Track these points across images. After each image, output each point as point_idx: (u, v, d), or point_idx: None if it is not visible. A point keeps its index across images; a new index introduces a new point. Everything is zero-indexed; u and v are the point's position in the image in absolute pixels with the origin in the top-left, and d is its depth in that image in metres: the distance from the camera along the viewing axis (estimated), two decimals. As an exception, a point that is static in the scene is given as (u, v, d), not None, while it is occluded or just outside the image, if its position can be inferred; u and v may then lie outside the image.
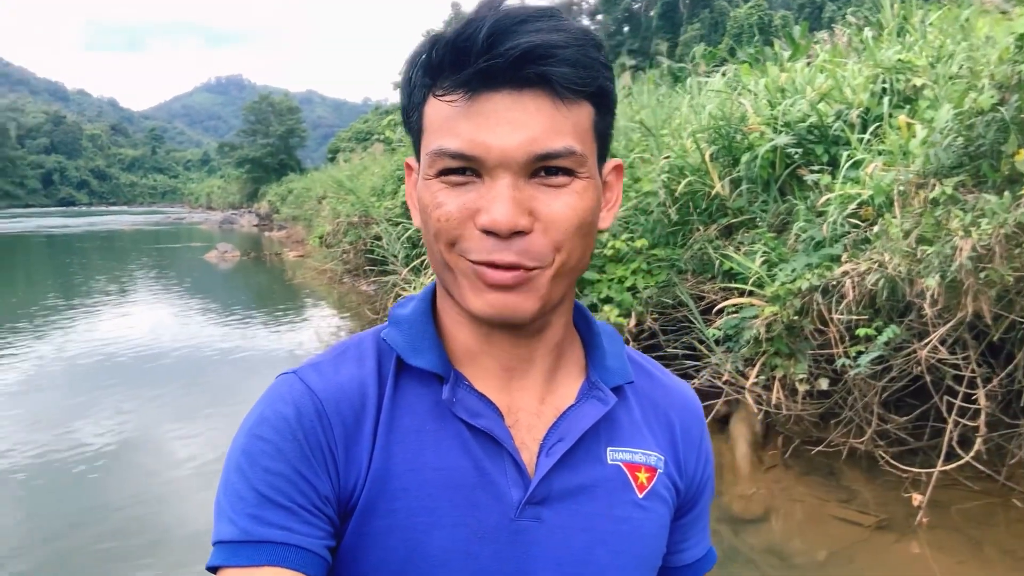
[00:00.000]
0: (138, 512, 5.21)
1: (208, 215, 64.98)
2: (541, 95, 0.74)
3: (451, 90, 0.75)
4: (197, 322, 12.99)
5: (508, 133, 0.74)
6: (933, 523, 4.26)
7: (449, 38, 0.75)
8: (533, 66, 0.73)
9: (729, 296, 5.69)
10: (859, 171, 5.30)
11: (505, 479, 0.82)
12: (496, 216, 0.74)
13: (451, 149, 0.75)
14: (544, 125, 0.74)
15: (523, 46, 0.72)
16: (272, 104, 71.60)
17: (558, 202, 0.76)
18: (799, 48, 9.57)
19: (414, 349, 0.85)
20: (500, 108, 0.74)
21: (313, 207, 23.65)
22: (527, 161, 0.74)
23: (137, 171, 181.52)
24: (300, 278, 17.73)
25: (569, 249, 0.78)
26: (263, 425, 0.80)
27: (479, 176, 0.76)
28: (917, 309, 4.42)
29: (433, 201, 0.78)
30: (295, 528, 0.77)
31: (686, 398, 0.99)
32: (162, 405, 7.81)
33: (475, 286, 0.78)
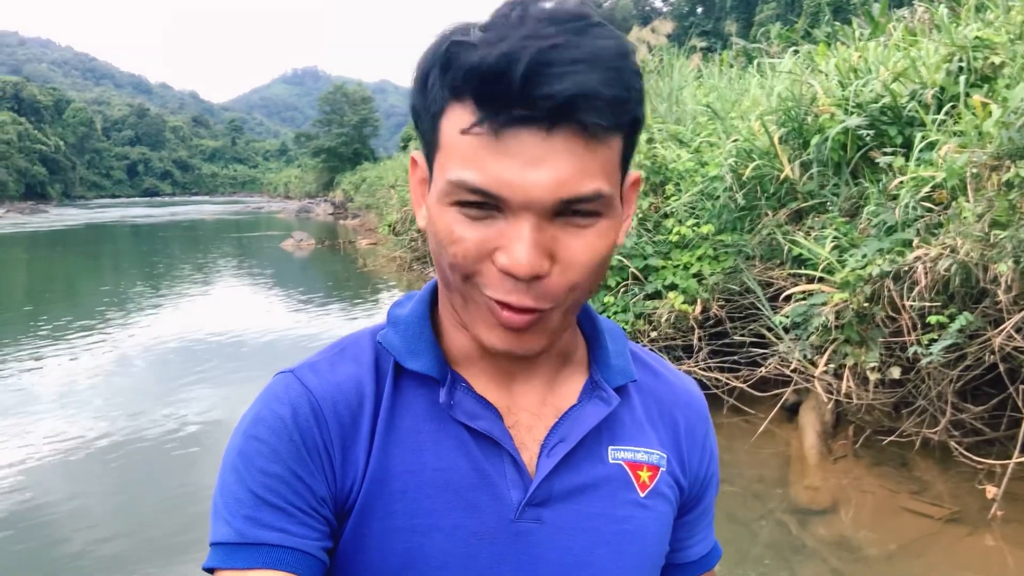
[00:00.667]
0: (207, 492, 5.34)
1: (285, 204, 66.23)
2: (572, 135, 0.69)
3: (478, 123, 0.69)
4: (274, 310, 13.29)
5: (535, 174, 0.69)
6: (1008, 516, 4.13)
7: (475, 65, 0.68)
8: (570, 115, 0.68)
9: (798, 282, 5.58)
10: (933, 153, 5.13)
11: (505, 480, 0.82)
12: (518, 260, 0.70)
13: (474, 184, 0.70)
14: (574, 167, 0.69)
15: (561, 96, 0.66)
16: (346, 94, 72.42)
17: (579, 243, 0.73)
18: (878, 27, 9.28)
19: (411, 352, 0.84)
20: (528, 146, 0.68)
21: (385, 195, 23.89)
22: (553, 204, 0.70)
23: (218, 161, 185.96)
24: (371, 265, 17.96)
25: (584, 288, 0.75)
26: (259, 425, 0.80)
27: (499, 211, 0.71)
28: (991, 295, 4.27)
29: (449, 233, 0.73)
30: (291, 530, 0.77)
31: (691, 395, 0.98)
32: (241, 390, 8.00)
33: (488, 321, 0.76)
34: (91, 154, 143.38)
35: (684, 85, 9.67)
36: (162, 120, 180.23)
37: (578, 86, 0.66)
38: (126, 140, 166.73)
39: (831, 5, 37.60)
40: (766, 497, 4.77)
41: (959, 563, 3.88)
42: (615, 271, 6.42)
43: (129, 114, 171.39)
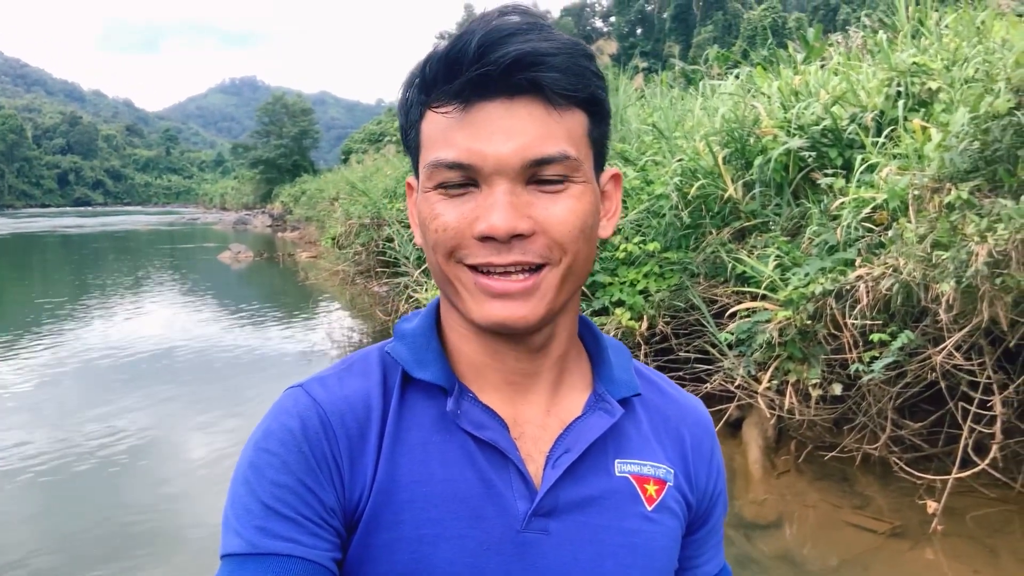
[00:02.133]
0: (149, 514, 5.23)
1: (222, 216, 65.31)
2: (534, 102, 0.76)
3: (446, 102, 0.77)
4: (210, 322, 13.05)
5: (503, 140, 0.75)
6: (948, 530, 4.22)
7: (441, 52, 0.77)
8: (524, 73, 0.74)
9: (742, 300, 5.66)
10: (873, 175, 5.26)
11: (511, 491, 0.82)
12: (494, 221, 0.74)
13: (447, 160, 0.76)
14: (538, 131, 0.75)
15: (513, 54, 0.73)
16: (286, 105, 71.77)
17: (557, 206, 0.77)
18: (813, 51, 9.50)
19: (419, 362, 0.85)
20: (494, 116, 0.75)
21: (326, 208, 23.69)
22: (522, 167, 0.75)
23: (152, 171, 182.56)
24: (312, 279, 17.77)
25: (574, 252, 0.79)
26: (269, 438, 0.81)
27: (476, 186, 0.77)
28: (932, 314, 4.38)
29: (431, 213, 0.79)
30: (301, 540, 0.77)
31: (697, 413, 0.99)
32: (175, 406, 7.84)
33: (476, 298, 0.79)
34: (20, 162, 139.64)
35: (629, 104, 9.79)
36: (95, 128, 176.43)
37: (531, 46, 0.74)
38: (57, 148, 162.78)
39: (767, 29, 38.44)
40: (712, 512, 4.81)
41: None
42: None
43: (61, 122, 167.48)
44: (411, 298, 8.93)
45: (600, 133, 0.82)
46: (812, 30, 11.19)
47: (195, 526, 5.05)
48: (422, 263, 9.31)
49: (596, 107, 0.81)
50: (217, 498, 5.44)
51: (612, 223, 0.87)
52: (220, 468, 6.03)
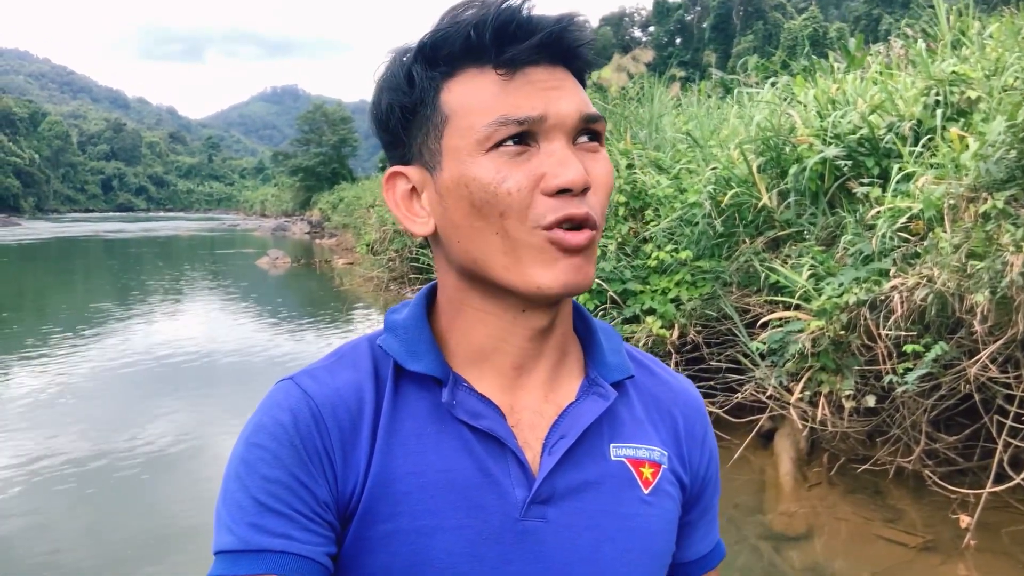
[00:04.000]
0: (188, 517, 5.28)
1: (261, 222, 65.95)
2: (566, 72, 0.81)
3: (499, 65, 0.78)
4: (248, 327, 13.19)
5: (559, 98, 0.78)
6: (981, 546, 4.15)
7: (485, 18, 0.77)
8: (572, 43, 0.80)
9: (774, 310, 5.61)
10: (910, 184, 5.19)
11: (509, 479, 0.82)
12: (572, 175, 0.76)
13: (514, 116, 0.77)
14: (580, 93, 0.81)
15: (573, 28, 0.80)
16: (325, 114, 72.32)
17: (599, 166, 0.81)
18: (854, 60, 9.43)
19: (411, 353, 0.85)
20: (543, 77, 0.79)
21: (362, 215, 23.87)
22: (579, 121, 0.79)
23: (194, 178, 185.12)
24: (348, 285, 17.88)
25: (603, 215, 0.81)
26: (260, 432, 0.80)
27: (532, 144, 0.78)
28: (967, 326, 4.31)
29: (495, 177, 0.77)
30: (295, 536, 0.77)
31: (688, 394, 0.99)
32: (214, 410, 7.93)
33: (546, 259, 0.78)
34: (66, 168, 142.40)
35: (664, 113, 9.76)
36: (138, 135, 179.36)
37: (580, 24, 0.80)
38: (101, 154, 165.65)
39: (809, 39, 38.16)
40: (741, 523, 4.77)
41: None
42: (594, 294, 6.44)
43: (105, 128, 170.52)
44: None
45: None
46: (853, 40, 11.10)
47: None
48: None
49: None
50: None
51: None
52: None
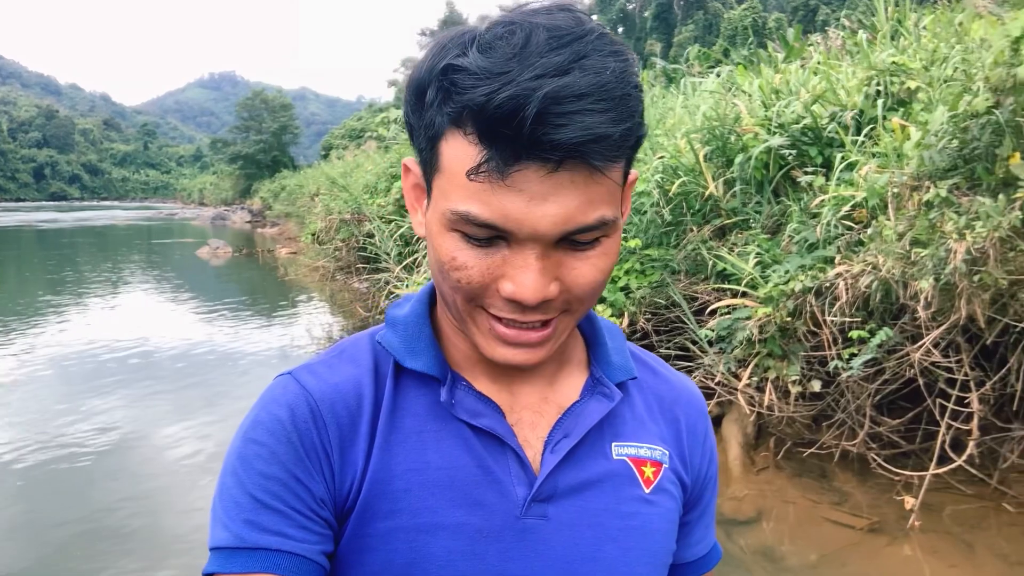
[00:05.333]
0: (128, 512, 5.18)
1: (200, 211, 64.96)
2: (577, 170, 0.69)
3: (483, 161, 0.68)
4: (189, 319, 12.96)
5: (540, 209, 0.69)
6: (925, 526, 4.26)
7: (483, 107, 0.67)
8: (579, 155, 0.67)
9: (722, 297, 5.68)
10: (853, 173, 5.29)
11: (509, 477, 0.82)
12: (526, 288, 0.71)
13: (479, 219, 0.70)
14: (579, 200, 0.70)
15: (572, 141, 0.66)
16: (265, 100, 71.51)
17: (585, 265, 0.74)
18: (793, 50, 9.56)
19: (410, 351, 0.84)
20: (533, 183, 0.68)
21: (306, 204, 23.62)
22: (558, 237, 0.71)
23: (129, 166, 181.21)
24: (292, 275, 17.68)
25: (592, 301, 0.78)
26: (258, 428, 0.80)
27: (504, 240, 0.72)
28: (911, 312, 4.41)
29: (452, 260, 0.73)
30: (290, 534, 0.76)
31: (691, 394, 0.99)
32: (153, 403, 7.77)
33: (489, 340, 0.77)
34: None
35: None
36: (71, 122, 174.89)
37: (586, 129, 0.66)
38: (33, 142, 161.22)
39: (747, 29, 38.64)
40: (691, 508, 4.82)
41: (879, 572, 3.98)
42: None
43: (37, 115, 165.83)
44: (392, 294, 8.91)
45: (631, 160, 0.76)
46: (792, 30, 11.26)
47: (175, 524, 5.02)
48: (403, 259, 9.30)
49: (638, 144, 0.74)
50: (197, 495, 5.41)
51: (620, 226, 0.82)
52: (200, 465, 5.99)
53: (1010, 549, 4.08)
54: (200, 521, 4.94)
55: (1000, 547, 4.10)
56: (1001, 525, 4.29)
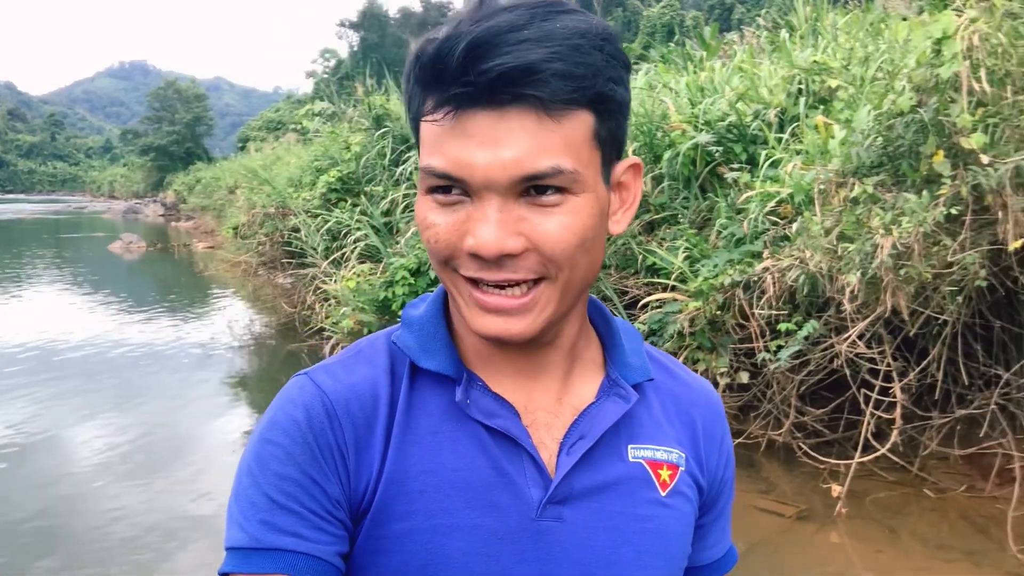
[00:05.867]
0: (38, 514, 5.02)
1: (111, 204, 63.21)
2: (526, 111, 0.70)
3: (434, 109, 0.72)
4: (103, 316, 12.58)
5: (491, 154, 0.70)
6: (851, 513, 4.39)
7: (428, 55, 0.71)
8: (511, 88, 0.69)
9: (652, 291, 5.76)
10: (778, 170, 5.42)
11: (524, 479, 0.81)
12: (482, 240, 0.71)
13: (437, 169, 0.73)
14: (529, 144, 0.70)
15: (497, 69, 0.68)
16: (178, 91, 70.11)
17: (551, 222, 0.73)
18: (711, 49, 9.73)
19: (425, 351, 0.84)
20: (484, 127, 0.70)
21: (223, 197, 23.12)
22: (511, 183, 0.71)
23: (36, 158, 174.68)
24: (212, 270, 17.31)
25: (571, 266, 0.75)
26: (274, 429, 0.79)
27: (468, 195, 0.73)
28: (836, 304, 4.54)
29: (423, 220, 0.77)
30: (305, 535, 0.76)
31: (708, 396, 0.97)
32: (64, 403, 7.52)
33: (472, 309, 0.77)
34: None
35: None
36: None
37: (518, 59, 0.68)
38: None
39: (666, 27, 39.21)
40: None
41: (808, 559, 4.09)
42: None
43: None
44: (319, 289, 8.79)
45: (610, 129, 0.76)
46: (708, 29, 11.45)
47: (87, 525, 4.87)
48: (330, 254, 9.18)
49: (605, 104, 0.74)
50: (110, 498, 5.26)
51: (628, 216, 0.83)
52: (113, 466, 5.83)
53: (931, 533, 4.23)
54: (112, 525, 4.82)
55: (922, 531, 4.25)
56: (923, 510, 4.45)
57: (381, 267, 7.86)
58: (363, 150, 10.25)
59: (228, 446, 6.41)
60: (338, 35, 66.97)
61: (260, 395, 8.09)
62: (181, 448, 6.39)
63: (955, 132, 3.85)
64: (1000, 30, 3.86)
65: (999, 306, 4.73)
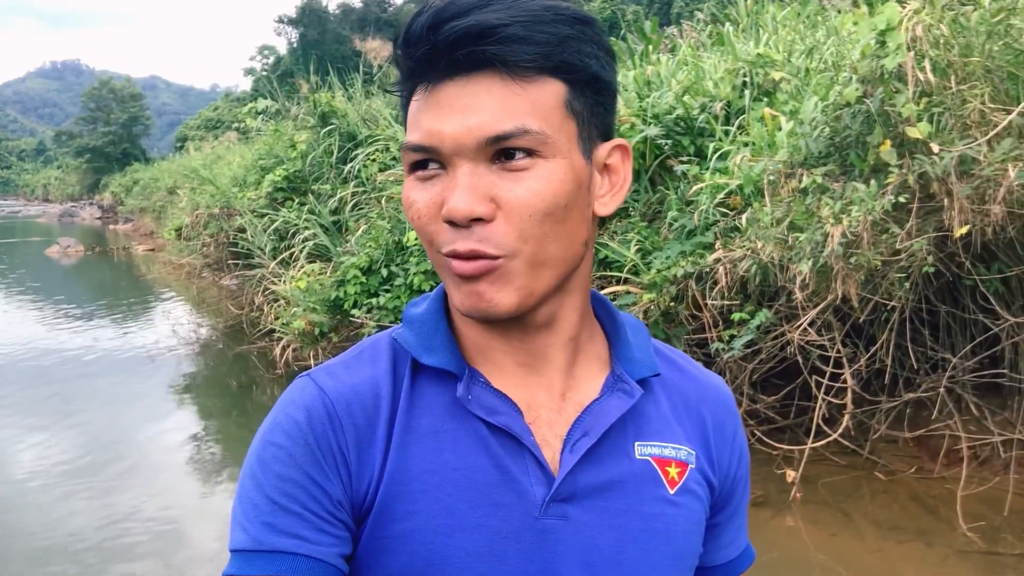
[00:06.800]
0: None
1: (46, 208, 61.94)
2: (491, 77, 0.72)
3: (406, 81, 0.77)
4: (40, 322, 12.29)
5: (458, 119, 0.72)
6: (806, 497, 4.47)
7: (401, 33, 0.75)
8: (470, 47, 0.71)
9: (606, 284, 5.79)
10: (726, 162, 5.48)
11: (527, 477, 0.80)
12: (452, 204, 0.72)
13: (412, 142, 0.75)
14: (494, 107, 0.72)
15: (459, 29, 0.71)
16: (113, 90, 68.86)
17: (520, 187, 0.73)
18: (652, 42, 9.80)
19: (426, 347, 0.83)
20: (452, 96, 0.73)
21: (163, 198, 22.70)
22: (478, 146, 0.72)
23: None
24: (154, 273, 17.02)
25: (538, 237, 0.74)
26: (276, 430, 0.79)
27: (444, 168, 0.75)
28: (787, 293, 4.61)
29: (407, 199, 0.78)
30: (307, 537, 0.75)
31: (718, 392, 0.95)
32: (2, 413, 7.33)
33: (451, 283, 0.77)
34: None
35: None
36: None
37: (475, 19, 0.71)
38: None
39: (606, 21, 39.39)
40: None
41: (766, 544, 4.15)
42: (432, 274, 6.43)
43: None
44: (267, 290, 8.67)
45: (587, 102, 0.77)
46: (649, 23, 11.52)
47: (31, 539, 4.75)
48: (277, 254, 9.07)
49: (574, 74, 0.75)
50: (53, 509, 5.14)
51: (617, 198, 0.82)
52: (56, 478, 5.69)
53: (883, 515, 4.33)
54: (55, 536, 4.71)
55: (875, 514, 4.35)
56: (874, 493, 4.55)
57: (331, 266, 7.78)
58: (309, 148, 10.12)
59: (175, 452, 6.30)
60: (276, 31, 66.19)
61: (208, 399, 7.98)
62: (126, 457, 6.28)
63: (901, 122, 3.94)
64: (942, 21, 3.95)
65: (944, 291, 4.85)
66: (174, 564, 4.41)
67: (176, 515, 5.08)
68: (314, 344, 7.27)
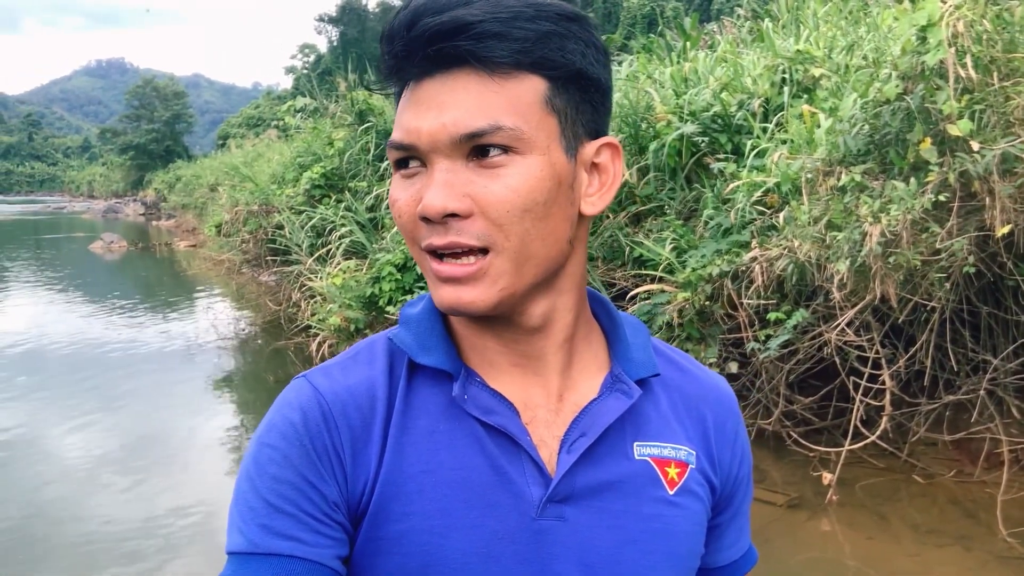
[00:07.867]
0: (25, 518, 4.98)
1: (90, 204, 62.89)
2: (469, 74, 0.73)
3: (388, 78, 0.78)
4: (86, 317, 12.49)
5: (435, 117, 0.73)
6: (842, 500, 4.41)
7: (383, 32, 0.76)
8: (445, 43, 0.72)
9: (639, 283, 5.76)
10: (764, 159, 5.42)
11: (524, 477, 0.79)
12: (426, 200, 0.72)
13: (394, 140, 0.76)
14: (469, 104, 0.72)
15: (433, 25, 0.71)
16: (156, 88, 69.85)
17: (496, 184, 0.73)
18: (692, 39, 9.73)
19: (423, 347, 0.82)
20: (431, 93, 0.74)
21: (204, 195, 22.96)
22: (453, 143, 0.72)
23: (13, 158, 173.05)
24: (194, 269, 17.23)
25: (519, 234, 0.74)
26: (271, 432, 0.79)
27: (424, 166, 0.75)
28: (824, 293, 4.55)
29: (391, 197, 0.79)
30: (303, 539, 0.75)
31: (719, 391, 0.94)
32: (48, 405, 7.48)
33: (433, 281, 0.77)
34: None
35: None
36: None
37: (453, 18, 0.71)
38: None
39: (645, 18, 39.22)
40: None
41: (801, 547, 4.11)
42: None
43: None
44: (304, 287, 8.74)
45: (569, 100, 0.76)
46: (688, 19, 11.44)
47: (77, 529, 4.83)
48: (315, 251, 9.13)
49: (556, 71, 0.74)
50: (97, 500, 5.22)
51: (605, 198, 0.81)
52: (100, 469, 5.78)
53: (921, 519, 4.26)
54: (99, 530, 4.78)
55: (912, 517, 4.27)
56: (912, 496, 4.48)
57: (367, 263, 7.82)
58: (346, 146, 10.19)
59: (214, 445, 6.38)
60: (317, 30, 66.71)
61: (246, 394, 8.06)
62: (167, 449, 6.36)
63: (941, 119, 3.87)
64: (984, 17, 3.87)
65: (986, 292, 4.76)
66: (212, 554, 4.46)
67: (213, 508, 5.13)
68: (350, 340, 7.31)
